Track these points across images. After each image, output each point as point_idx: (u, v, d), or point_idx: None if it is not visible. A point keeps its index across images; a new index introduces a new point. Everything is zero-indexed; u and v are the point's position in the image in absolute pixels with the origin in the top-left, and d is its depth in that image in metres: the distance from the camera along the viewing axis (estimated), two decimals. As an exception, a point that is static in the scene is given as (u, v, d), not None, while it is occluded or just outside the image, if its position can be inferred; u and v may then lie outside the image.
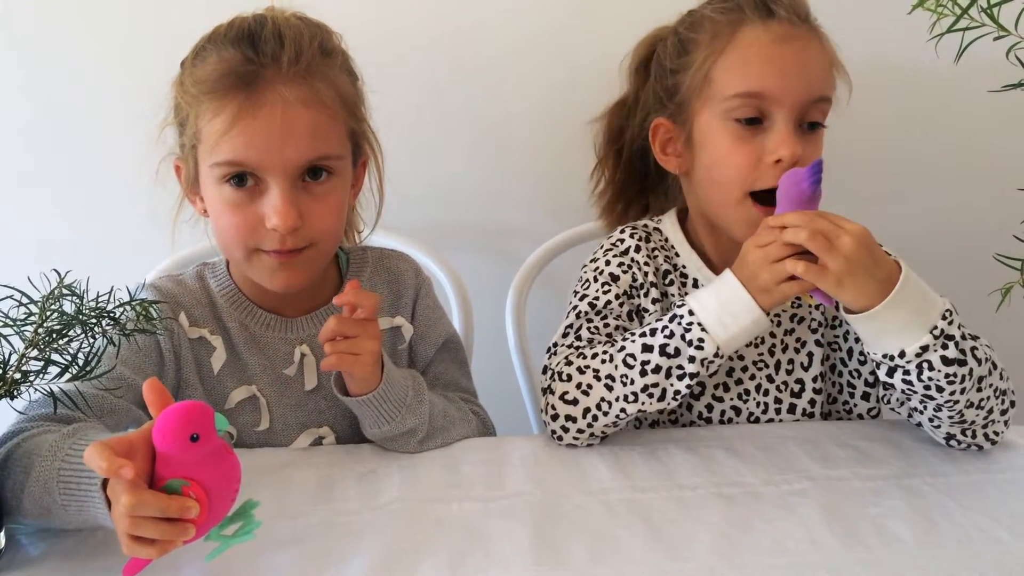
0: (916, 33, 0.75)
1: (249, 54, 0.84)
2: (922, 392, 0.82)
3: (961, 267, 1.25)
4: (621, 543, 0.74)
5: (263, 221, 0.85)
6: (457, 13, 1.29)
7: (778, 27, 0.93)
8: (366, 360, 0.85)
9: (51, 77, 1.27)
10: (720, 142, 0.95)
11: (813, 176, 0.84)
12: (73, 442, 0.70)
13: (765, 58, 0.92)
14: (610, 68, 1.08)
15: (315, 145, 0.86)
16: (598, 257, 1.05)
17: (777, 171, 0.90)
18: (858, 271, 0.79)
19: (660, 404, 0.88)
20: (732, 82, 0.93)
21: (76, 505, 0.67)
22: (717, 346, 0.85)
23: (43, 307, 0.70)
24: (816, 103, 0.93)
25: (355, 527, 0.76)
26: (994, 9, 0.66)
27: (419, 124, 1.31)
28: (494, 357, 1.23)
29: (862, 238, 0.80)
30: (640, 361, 0.87)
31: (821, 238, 0.80)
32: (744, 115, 0.93)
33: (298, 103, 0.84)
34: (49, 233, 1.32)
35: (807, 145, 0.93)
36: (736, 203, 0.95)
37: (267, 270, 0.89)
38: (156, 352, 0.91)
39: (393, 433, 0.90)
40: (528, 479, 0.85)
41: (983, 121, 1.34)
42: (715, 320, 0.85)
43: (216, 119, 0.83)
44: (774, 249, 0.83)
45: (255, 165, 0.84)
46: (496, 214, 1.39)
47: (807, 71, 0.93)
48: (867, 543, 0.74)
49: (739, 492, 0.82)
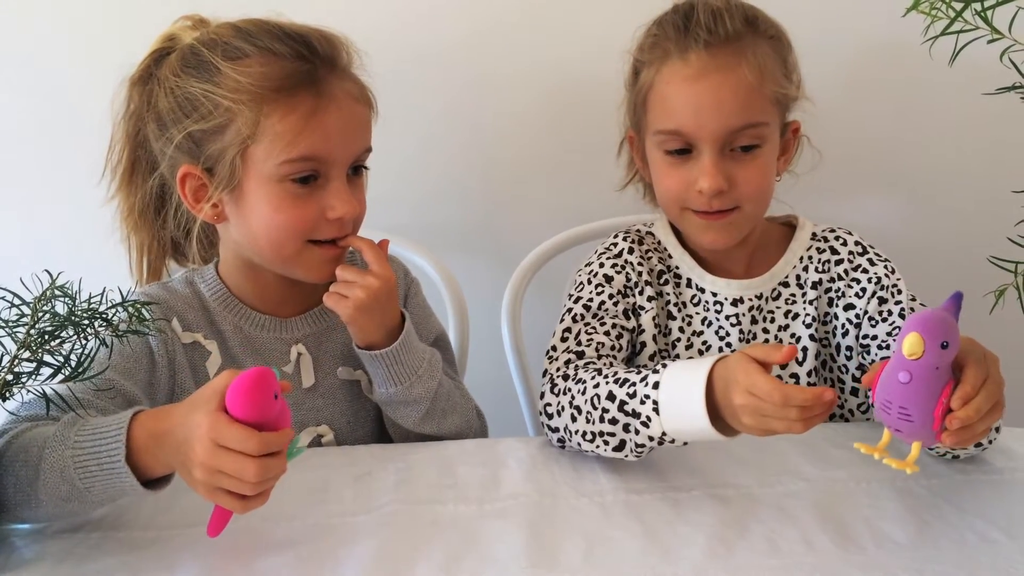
0: (911, 36, 0.75)
1: (305, 53, 0.87)
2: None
3: (955, 269, 1.25)
4: (616, 545, 0.74)
5: (324, 213, 0.89)
6: (455, 15, 1.29)
7: (696, 60, 0.94)
8: (349, 303, 0.90)
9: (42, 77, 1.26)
10: (656, 167, 1.01)
11: (956, 311, 0.68)
12: (77, 429, 0.72)
13: (679, 96, 0.95)
14: (607, 71, 1.08)
15: (367, 137, 0.93)
16: (592, 260, 1.06)
17: (703, 198, 0.95)
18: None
19: (617, 454, 0.84)
20: (657, 117, 0.98)
21: (100, 485, 0.71)
22: (663, 431, 0.78)
23: (35, 308, 0.69)
24: (740, 131, 0.94)
25: (350, 529, 0.76)
26: (988, 12, 0.66)
27: (415, 126, 1.31)
28: (489, 359, 1.23)
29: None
30: (602, 408, 0.83)
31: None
32: (671, 147, 0.97)
33: (354, 98, 0.90)
34: (40, 233, 1.31)
35: (738, 169, 0.95)
36: (679, 216, 1.01)
37: (315, 262, 0.92)
38: (148, 358, 0.90)
39: (399, 398, 0.93)
40: (523, 481, 0.85)
41: (977, 124, 1.35)
42: (671, 409, 0.78)
43: (290, 116, 0.85)
44: (774, 413, 0.70)
45: (325, 159, 0.87)
46: (492, 216, 1.39)
47: (720, 107, 0.93)
48: (862, 544, 0.74)
49: (734, 494, 0.82)
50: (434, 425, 0.97)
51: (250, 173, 0.87)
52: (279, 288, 0.96)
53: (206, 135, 0.86)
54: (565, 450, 0.92)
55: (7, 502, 0.72)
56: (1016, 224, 0.72)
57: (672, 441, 0.80)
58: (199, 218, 0.91)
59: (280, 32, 0.87)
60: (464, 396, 1.03)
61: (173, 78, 0.88)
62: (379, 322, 0.92)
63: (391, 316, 0.94)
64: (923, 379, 0.66)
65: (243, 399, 0.66)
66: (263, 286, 0.97)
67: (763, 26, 0.97)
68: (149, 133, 0.91)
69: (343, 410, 0.98)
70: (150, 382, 0.90)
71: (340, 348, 1.00)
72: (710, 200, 0.95)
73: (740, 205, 0.97)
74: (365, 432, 1.01)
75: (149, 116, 0.91)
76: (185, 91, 0.87)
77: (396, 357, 0.92)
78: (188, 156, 0.88)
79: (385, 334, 0.93)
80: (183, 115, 0.87)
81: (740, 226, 0.99)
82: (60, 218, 1.32)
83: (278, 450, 0.68)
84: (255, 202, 0.88)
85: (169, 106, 0.88)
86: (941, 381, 0.66)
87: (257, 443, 0.66)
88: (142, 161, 0.95)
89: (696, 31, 0.94)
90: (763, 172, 0.97)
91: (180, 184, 0.90)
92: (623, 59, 1.05)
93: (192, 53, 0.88)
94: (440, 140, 1.34)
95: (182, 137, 0.87)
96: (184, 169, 0.89)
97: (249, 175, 0.87)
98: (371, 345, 0.93)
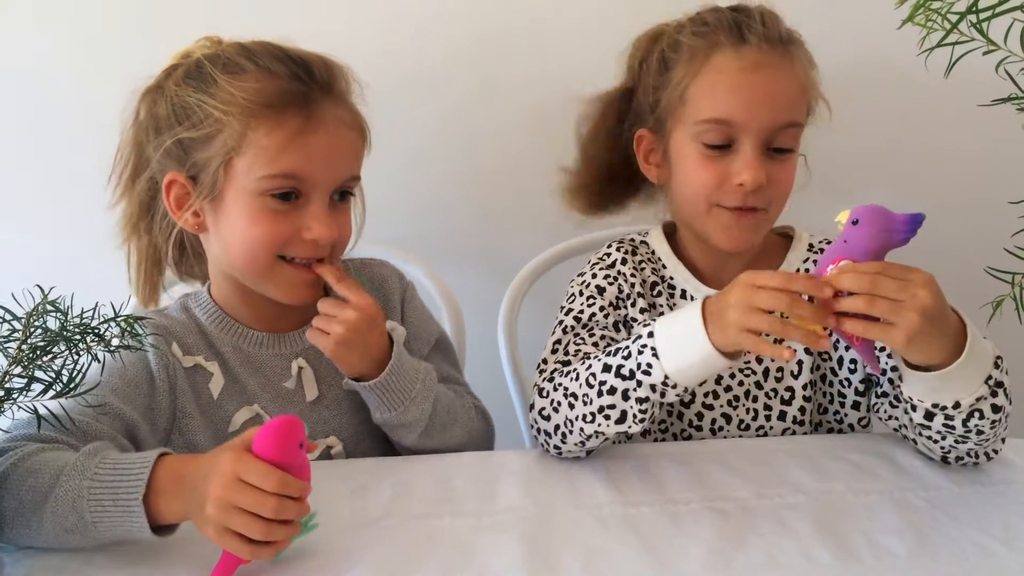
0: (906, 47, 0.75)
1: (302, 75, 0.88)
2: (960, 434, 0.81)
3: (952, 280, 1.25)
4: (614, 558, 0.74)
5: (299, 232, 0.88)
6: (448, 26, 1.29)
7: (749, 54, 0.95)
8: (329, 340, 0.90)
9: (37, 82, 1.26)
10: (689, 161, 0.99)
11: (910, 230, 0.74)
12: (99, 460, 0.72)
13: (733, 86, 0.95)
14: (603, 84, 1.08)
15: (354, 165, 0.93)
16: (585, 271, 1.06)
17: (740, 193, 0.95)
18: (932, 328, 0.73)
19: (620, 427, 0.84)
20: (702, 107, 0.97)
21: (108, 521, 0.70)
22: (665, 374, 0.80)
23: (27, 323, 0.69)
24: (783, 129, 0.95)
25: (346, 543, 0.76)
26: (984, 24, 0.66)
27: (410, 137, 1.30)
28: (486, 370, 1.22)
29: (934, 291, 0.73)
30: (599, 381, 0.84)
31: (883, 302, 0.72)
32: (712, 140, 0.96)
33: (346, 125, 0.91)
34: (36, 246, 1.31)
35: (774, 169, 0.96)
36: (705, 212, 0.99)
37: (287, 281, 0.91)
38: (148, 383, 0.90)
39: (395, 422, 0.93)
40: (520, 494, 0.85)
41: (973, 135, 1.35)
42: (670, 347, 0.80)
43: (276, 132, 0.86)
44: (764, 297, 0.74)
45: (306, 179, 0.87)
46: (488, 227, 1.39)
47: (773, 99, 0.94)
48: (860, 557, 0.74)
49: (732, 506, 0.82)
50: (435, 441, 0.96)
51: (231, 184, 0.87)
52: (271, 305, 0.95)
53: (194, 143, 0.88)
54: (563, 456, 0.91)
55: (4, 525, 0.71)
56: (1013, 235, 0.72)
57: (674, 387, 0.80)
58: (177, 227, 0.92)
59: (282, 54, 0.89)
60: (464, 405, 1.02)
61: (175, 87, 0.90)
62: (361, 353, 0.91)
63: (376, 346, 0.92)
64: (832, 246, 0.77)
65: (271, 438, 0.68)
66: (255, 304, 0.96)
67: (797, 37, 1.00)
68: (146, 138, 0.92)
69: (349, 420, 0.99)
70: (150, 407, 0.89)
71: None
72: (747, 196, 0.95)
73: (768, 207, 0.97)
74: (372, 441, 1.01)
75: (149, 123, 0.92)
76: (182, 100, 0.88)
77: (386, 385, 0.92)
78: (176, 163, 0.89)
79: (371, 363, 0.92)
80: (176, 122, 0.88)
81: (761, 229, 1.00)
82: (56, 230, 1.31)
83: (297, 496, 0.69)
84: (233, 214, 0.88)
85: (165, 113, 0.90)
86: (840, 252, 0.76)
87: (278, 479, 0.67)
88: (141, 169, 0.95)
89: (752, 26, 0.96)
90: (792, 176, 0.99)
91: (165, 190, 0.91)
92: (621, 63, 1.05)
93: (196, 66, 0.90)
94: (436, 151, 1.34)
95: (172, 143, 0.88)
96: (170, 176, 0.90)
97: (230, 186, 0.88)
98: (359, 376, 0.93)
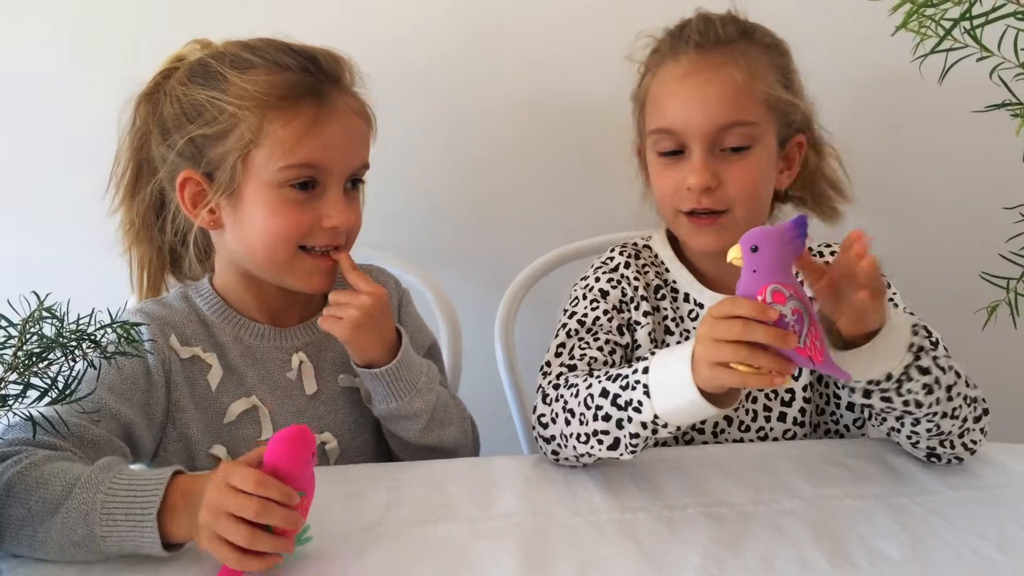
0: (900, 54, 0.75)
1: (310, 67, 0.90)
2: (901, 408, 0.82)
3: (947, 285, 1.25)
4: (610, 564, 0.73)
5: (319, 221, 0.90)
6: (448, 30, 1.29)
7: (687, 60, 0.97)
8: (345, 323, 0.91)
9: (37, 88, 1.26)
10: (652, 170, 1.03)
11: (802, 233, 0.74)
12: (114, 475, 0.72)
13: (669, 94, 0.98)
14: (603, 90, 1.08)
15: (365, 153, 0.95)
16: (588, 275, 1.06)
17: (692, 196, 0.96)
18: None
19: (612, 453, 0.83)
20: (651, 118, 1.00)
21: (118, 536, 0.70)
22: (655, 414, 0.78)
23: (23, 329, 0.69)
24: (727, 129, 0.95)
25: (340, 550, 0.75)
26: (977, 30, 0.66)
27: (407, 142, 1.31)
28: (482, 376, 1.22)
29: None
30: (595, 405, 0.83)
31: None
32: (664, 148, 0.98)
33: (356, 114, 0.93)
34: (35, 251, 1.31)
35: (727, 169, 0.96)
36: (673, 219, 1.01)
37: (306, 271, 0.93)
38: (145, 379, 0.90)
39: (400, 413, 0.95)
40: (516, 500, 0.85)
41: (968, 140, 1.35)
42: (661, 386, 0.78)
43: (293, 123, 0.87)
44: (721, 327, 0.72)
45: (323, 167, 0.89)
46: (484, 233, 1.39)
47: (707, 102, 0.95)
48: (856, 562, 0.74)
49: (729, 512, 0.82)
50: (434, 436, 0.98)
51: (249, 178, 0.88)
52: (277, 297, 0.97)
53: (208, 140, 0.88)
54: (560, 463, 0.91)
55: (6, 533, 0.71)
56: (1007, 240, 0.72)
57: (665, 426, 0.79)
58: (196, 225, 0.93)
59: (287, 48, 0.91)
60: (459, 406, 1.05)
61: (180, 87, 0.90)
62: (376, 337, 0.93)
63: (387, 331, 0.94)
64: (746, 280, 0.73)
65: (283, 442, 0.70)
66: (261, 296, 0.97)
67: (759, 35, 0.99)
68: (151, 141, 0.93)
69: (344, 417, 0.99)
70: (147, 403, 0.89)
71: (339, 356, 1.00)
72: (698, 197, 0.96)
73: (730, 208, 0.97)
74: (366, 439, 1.01)
75: (153, 126, 0.93)
76: (191, 98, 0.89)
77: (396, 373, 0.93)
78: (189, 161, 0.90)
79: (383, 350, 0.94)
80: (187, 121, 0.89)
81: (731, 230, 0.98)
82: (53, 237, 1.31)
83: (280, 500, 0.68)
84: (252, 207, 0.89)
85: (174, 113, 0.90)
86: (760, 281, 0.72)
87: (256, 479, 0.67)
88: (145, 173, 0.96)
89: (688, 34, 0.98)
90: (753, 174, 0.97)
91: (179, 189, 0.91)
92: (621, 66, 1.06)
93: (200, 65, 0.91)
94: (433, 157, 1.34)
95: (184, 142, 0.89)
96: (184, 174, 0.90)
97: (248, 180, 0.89)
98: (370, 363, 0.94)
